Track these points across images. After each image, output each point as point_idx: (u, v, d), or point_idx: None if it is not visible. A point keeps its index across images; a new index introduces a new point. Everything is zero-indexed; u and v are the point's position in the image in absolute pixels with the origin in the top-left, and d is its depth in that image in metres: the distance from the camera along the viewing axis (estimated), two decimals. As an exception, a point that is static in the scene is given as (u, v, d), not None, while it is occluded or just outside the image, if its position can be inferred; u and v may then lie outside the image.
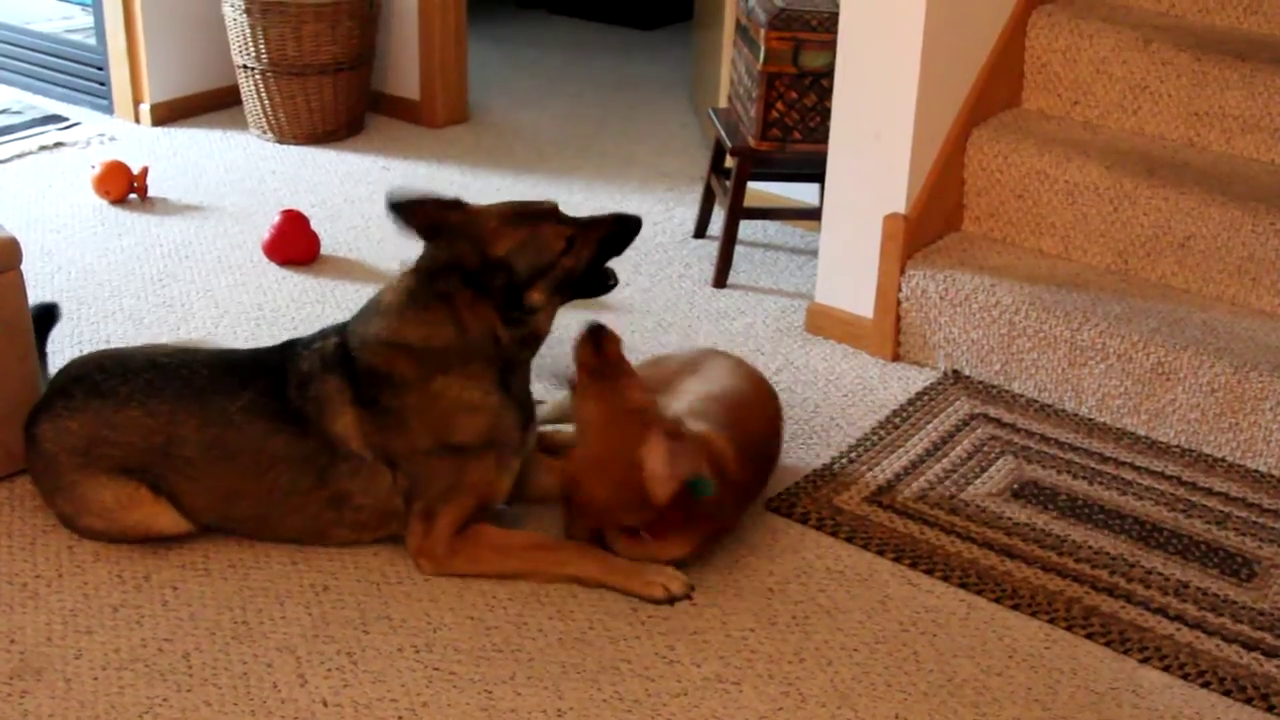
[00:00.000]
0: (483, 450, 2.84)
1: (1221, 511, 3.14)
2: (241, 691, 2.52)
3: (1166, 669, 2.66)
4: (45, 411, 2.92)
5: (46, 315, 3.39)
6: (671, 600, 2.79)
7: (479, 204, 2.88)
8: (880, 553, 2.97)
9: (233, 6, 5.16)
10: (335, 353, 2.86)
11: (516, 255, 2.76)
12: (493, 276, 2.75)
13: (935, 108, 3.74)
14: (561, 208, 2.92)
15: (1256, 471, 3.29)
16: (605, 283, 2.94)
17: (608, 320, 3.87)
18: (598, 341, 2.79)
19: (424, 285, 2.81)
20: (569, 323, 2.98)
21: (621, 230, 2.90)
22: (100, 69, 5.54)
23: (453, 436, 2.81)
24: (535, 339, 2.88)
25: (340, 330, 2.93)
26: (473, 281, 2.74)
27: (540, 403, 3.22)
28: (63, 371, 3.01)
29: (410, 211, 2.80)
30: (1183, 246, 3.63)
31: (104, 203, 4.68)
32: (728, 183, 4.24)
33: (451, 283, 2.75)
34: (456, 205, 2.84)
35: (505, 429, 2.86)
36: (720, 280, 4.22)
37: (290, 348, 2.94)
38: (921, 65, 3.60)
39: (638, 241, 4.42)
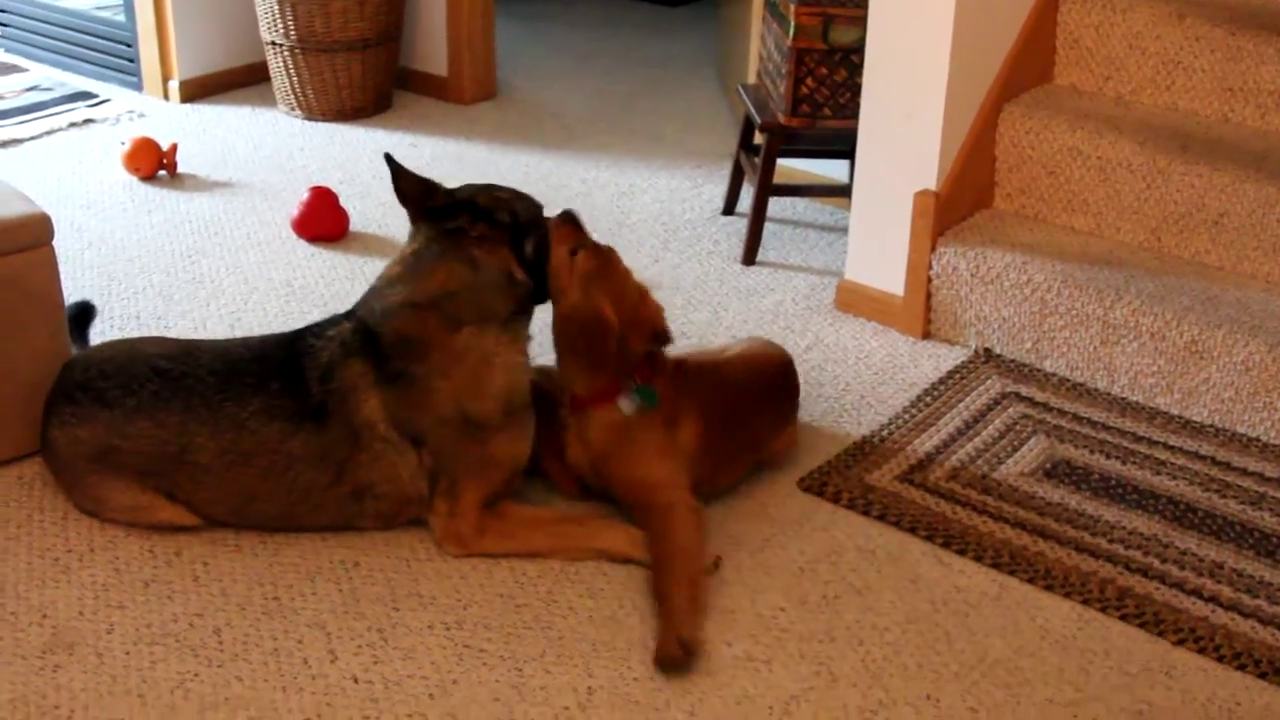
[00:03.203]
0: (503, 421, 2.84)
1: (1256, 492, 3.12)
2: (272, 667, 2.52)
3: (1201, 651, 2.64)
4: (54, 416, 2.92)
5: (84, 313, 3.41)
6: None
7: None
8: (911, 532, 2.95)
9: (261, -18, 5.16)
10: (355, 336, 2.84)
11: (514, 200, 2.90)
12: (499, 211, 2.85)
13: (967, 83, 3.71)
14: (590, 184, 2.98)
15: (1291, 451, 3.27)
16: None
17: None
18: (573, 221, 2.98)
19: (430, 239, 2.88)
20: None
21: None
22: (129, 46, 5.54)
23: (475, 401, 2.80)
24: (530, 304, 2.94)
25: (351, 315, 2.92)
26: (482, 215, 2.83)
27: None
28: (64, 373, 2.97)
29: (406, 174, 2.92)
30: (1216, 224, 3.60)
31: (134, 179, 4.70)
32: (757, 159, 4.22)
33: (461, 219, 2.82)
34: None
35: (521, 388, 2.88)
36: (749, 257, 4.21)
37: (300, 340, 2.90)
38: (953, 40, 3.58)
39: (667, 219, 4.48)
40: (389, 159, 2.92)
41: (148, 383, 2.85)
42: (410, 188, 2.91)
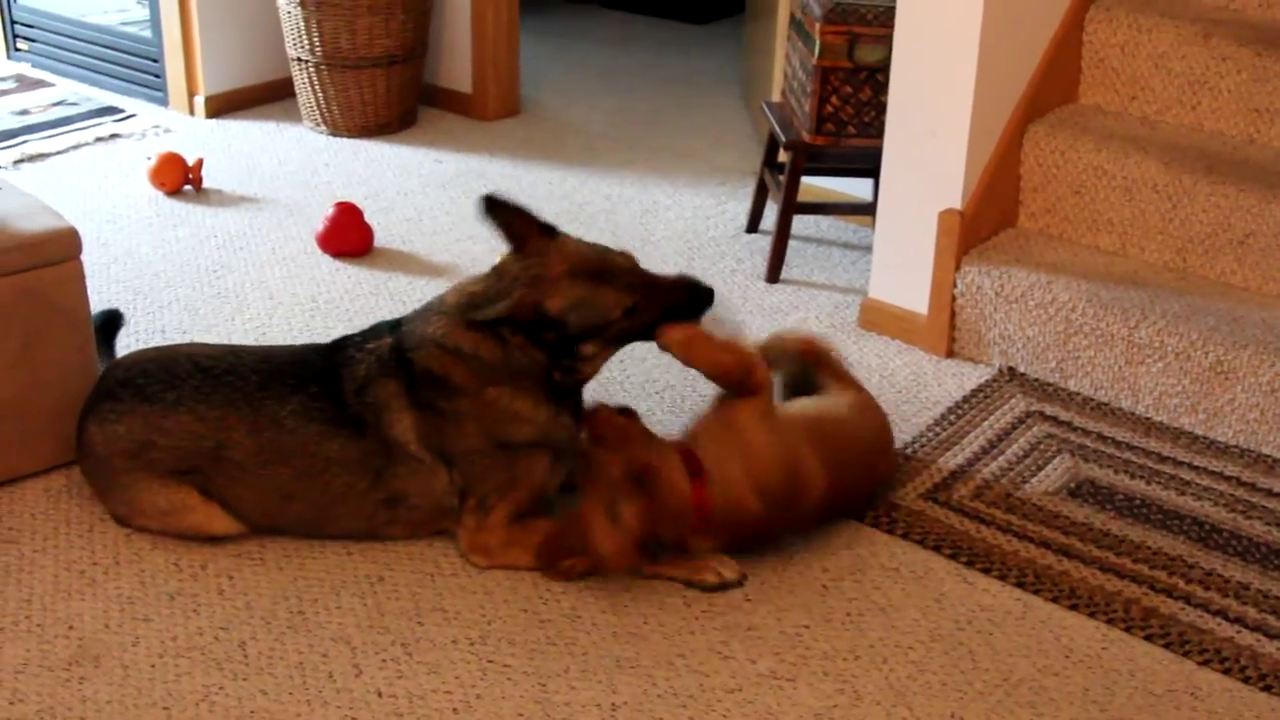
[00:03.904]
0: (536, 448, 2.84)
1: (1281, 512, 3.11)
2: (297, 681, 2.53)
3: (1226, 672, 2.63)
4: (93, 414, 2.93)
5: (111, 322, 3.43)
6: (724, 586, 2.79)
7: (567, 237, 2.84)
8: (936, 550, 2.95)
9: (287, -1, 5.19)
10: (391, 355, 2.85)
11: (570, 313, 2.73)
12: (544, 329, 2.73)
13: (992, 102, 3.71)
14: (614, 201, 2.90)
15: (1317, 472, 3.26)
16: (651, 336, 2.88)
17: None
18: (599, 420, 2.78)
19: (480, 308, 2.78)
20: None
21: (691, 302, 2.82)
22: (155, 61, 5.57)
23: (505, 436, 2.81)
24: (582, 379, 2.87)
25: (394, 328, 2.92)
26: (525, 330, 2.73)
27: None
28: (107, 373, 3.00)
29: (503, 214, 2.80)
30: (1242, 244, 3.59)
31: (159, 194, 4.72)
32: (781, 177, 4.22)
33: (505, 326, 2.74)
34: (548, 230, 2.81)
35: (558, 435, 2.86)
36: (773, 275, 4.21)
37: (341, 349, 2.92)
38: (979, 59, 3.58)
39: (691, 236, 4.49)
40: (487, 201, 2.80)
41: (189, 378, 2.87)
42: (501, 232, 2.83)
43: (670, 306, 2.80)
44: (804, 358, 3.16)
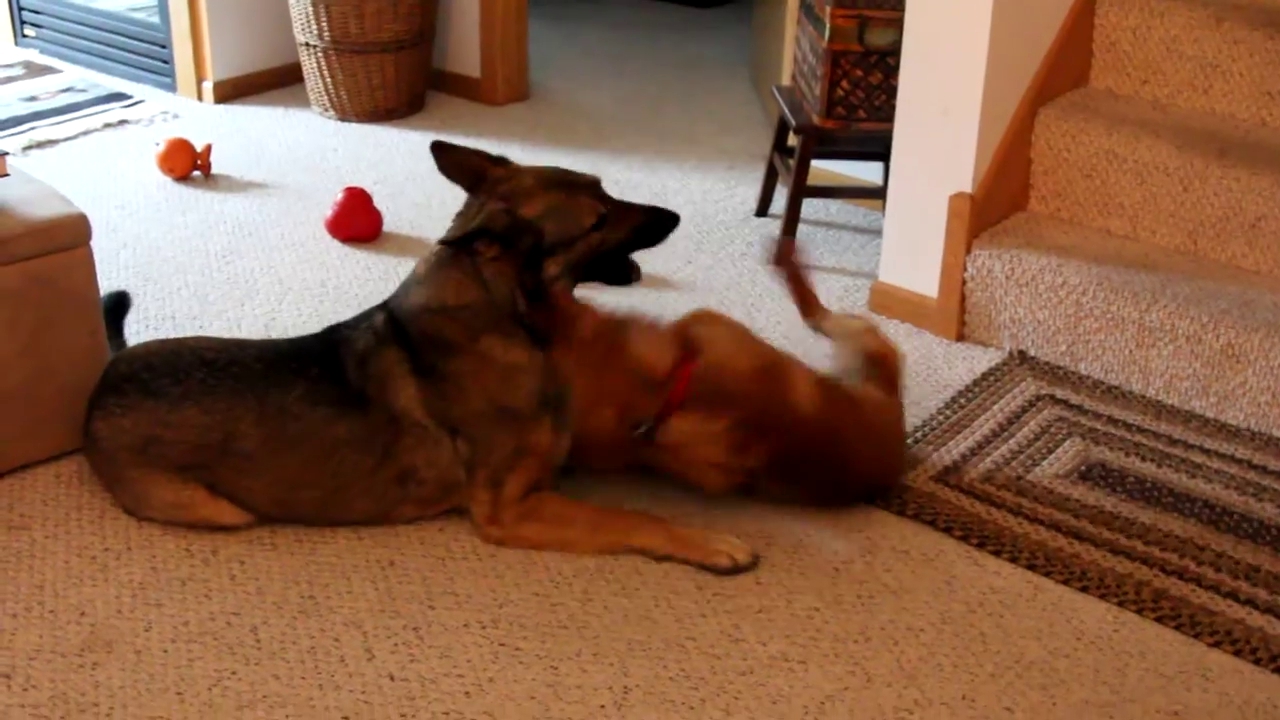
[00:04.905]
0: (538, 412, 2.84)
1: (1293, 495, 3.11)
2: (309, 665, 2.53)
3: (1237, 653, 2.63)
4: (99, 409, 2.93)
5: (119, 304, 3.43)
6: (737, 570, 2.79)
7: (524, 164, 2.88)
8: (946, 532, 2.95)
9: (295, -16, 5.18)
10: (387, 325, 2.86)
11: (546, 219, 2.74)
12: (520, 237, 2.72)
13: (1003, 86, 3.70)
14: (623, 186, 2.91)
15: (1328, 455, 3.25)
16: (627, 274, 2.90)
17: (670, 299, 3.87)
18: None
19: (452, 250, 2.79)
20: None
21: (656, 223, 2.85)
22: (164, 47, 5.58)
23: (506, 399, 2.81)
24: (549, 315, 2.83)
25: (384, 307, 2.93)
26: (500, 239, 2.72)
27: None
28: (111, 367, 2.99)
29: (453, 155, 2.83)
30: (1254, 227, 3.58)
31: (168, 180, 4.72)
32: (791, 161, 4.22)
33: (480, 241, 2.73)
34: (501, 161, 2.86)
35: (552, 388, 2.86)
36: (783, 259, 4.20)
37: (335, 332, 2.94)
38: (990, 43, 3.57)
39: (700, 220, 4.48)
40: (435, 146, 2.84)
41: (195, 371, 2.87)
42: (457, 177, 2.85)
43: (639, 225, 2.82)
44: (869, 359, 3.16)
